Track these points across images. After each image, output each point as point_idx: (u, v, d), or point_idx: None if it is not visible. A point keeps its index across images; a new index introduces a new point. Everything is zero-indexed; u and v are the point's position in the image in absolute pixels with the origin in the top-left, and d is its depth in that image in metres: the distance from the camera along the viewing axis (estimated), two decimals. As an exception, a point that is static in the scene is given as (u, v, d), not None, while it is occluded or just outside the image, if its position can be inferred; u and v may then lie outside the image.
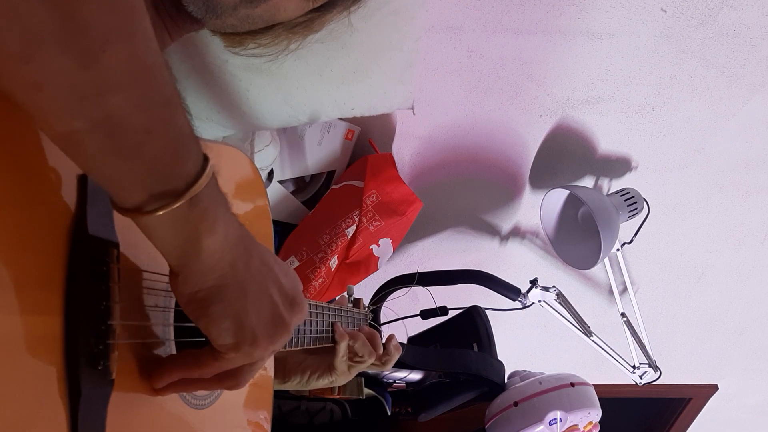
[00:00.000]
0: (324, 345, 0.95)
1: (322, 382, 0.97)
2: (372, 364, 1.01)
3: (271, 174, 1.49)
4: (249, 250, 0.53)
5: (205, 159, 0.46)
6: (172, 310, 0.61)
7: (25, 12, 0.34)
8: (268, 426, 0.81)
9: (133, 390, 0.54)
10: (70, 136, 0.39)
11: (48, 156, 0.45)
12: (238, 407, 0.75)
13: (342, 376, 0.97)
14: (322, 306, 0.95)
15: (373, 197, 1.50)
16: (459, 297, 1.51)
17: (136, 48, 0.38)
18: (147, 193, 0.43)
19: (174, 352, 0.61)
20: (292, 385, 0.97)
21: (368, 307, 1.16)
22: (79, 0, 0.35)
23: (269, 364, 0.86)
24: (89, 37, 0.36)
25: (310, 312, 0.90)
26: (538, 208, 1.76)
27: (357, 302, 1.14)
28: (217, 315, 0.51)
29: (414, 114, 1.36)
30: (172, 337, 0.61)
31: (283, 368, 0.96)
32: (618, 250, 1.79)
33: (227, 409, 0.70)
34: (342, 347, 0.95)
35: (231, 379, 0.57)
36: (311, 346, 0.90)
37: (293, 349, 0.85)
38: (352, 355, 0.98)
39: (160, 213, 0.43)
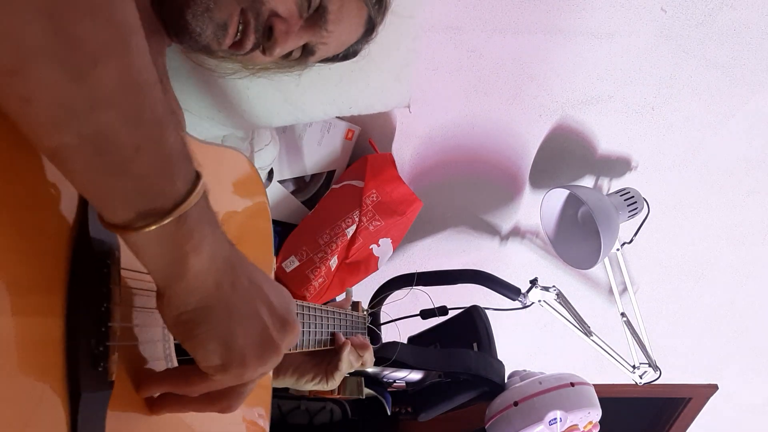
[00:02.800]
0: (323, 348, 0.95)
1: (318, 387, 0.97)
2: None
3: (270, 174, 1.49)
4: (236, 270, 0.51)
5: (197, 177, 0.45)
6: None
7: (16, 24, 0.33)
8: (266, 424, 0.81)
9: (133, 392, 0.53)
10: (57, 151, 0.38)
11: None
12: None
13: (338, 378, 0.98)
14: (322, 309, 0.94)
15: (373, 197, 1.50)
16: (459, 297, 1.51)
17: (129, 65, 0.38)
18: (133, 211, 0.42)
19: (173, 353, 0.60)
20: (282, 383, 0.96)
21: (366, 311, 1.16)
22: (72, 14, 0.35)
23: None
24: (81, 52, 0.35)
25: (314, 315, 0.90)
26: (538, 208, 1.76)
27: (355, 305, 1.13)
28: (203, 337, 0.49)
29: (410, 112, 1.37)
30: (172, 339, 0.60)
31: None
32: (618, 250, 1.79)
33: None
34: (345, 361, 0.96)
35: (223, 401, 0.56)
36: (313, 349, 0.90)
37: (293, 351, 0.85)
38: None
39: (146, 231, 0.43)
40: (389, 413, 1.44)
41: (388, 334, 1.39)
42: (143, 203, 0.42)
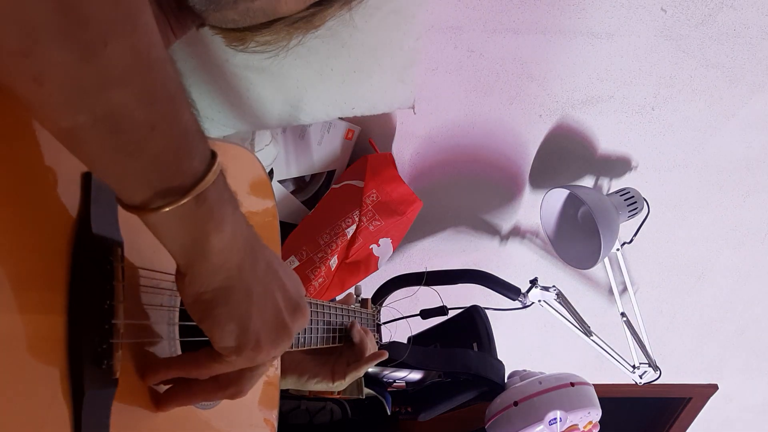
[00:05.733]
0: (329, 345, 0.94)
1: (319, 387, 0.96)
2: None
3: (271, 174, 1.49)
4: (255, 252, 0.52)
5: (213, 156, 0.45)
6: (177, 309, 0.60)
7: (24, 5, 0.33)
8: (275, 424, 0.81)
9: (138, 390, 0.53)
10: (71, 132, 0.38)
11: (51, 154, 0.44)
12: (244, 406, 0.75)
13: (348, 381, 0.96)
14: (328, 305, 0.94)
15: (373, 197, 1.50)
16: (459, 297, 1.51)
17: (138, 42, 0.38)
18: (152, 190, 0.42)
19: (179, 350, 0.60)
20: (286, 384, 0.96)
21: (376, 307, 1.15)
22: None
23: (276, 361, 0.85)
24: (90, 30, 0.35)
25: (317, 311, 0.90)
26: (538, 208, 1.76)
27: (364, 302, 1.13)
28: (222, 317, 0.50)
29: (415, 113, 1.36)
30: (177, 336, 0.60)
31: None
32: (618, 249, 1.79)
33: (234, 408, 0.70)
34: (364, 367, 0.96)
35: (234, 386, 0.56)
36: (316, 347, 0.90)
37: (295, 349, 0.84)
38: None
39: (166, 210, 0.43)
40: (389, 413, 1.44)
41: (387, 334, 1.39)
42: (161, 182, 0.42)
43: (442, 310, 1.44)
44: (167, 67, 0.40)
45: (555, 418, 1.37)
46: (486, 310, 1.50)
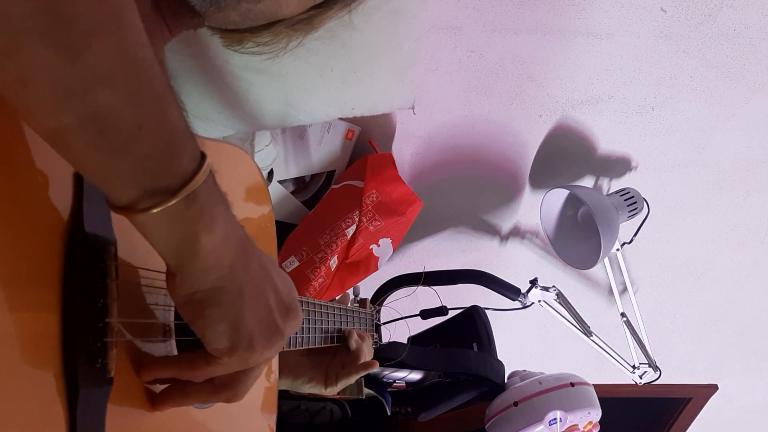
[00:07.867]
0: (327, 345, 0.94)
1: (313, 391, 0.95)
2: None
3: (271, 174, 1.49)
4: (248, 252, 0.52)
5: (202, 156, 0.45)
6: (173, 308, 0.60)
7: (6, 5, 0.33)
8: (273, 425, 0.81)
9: (134, 389, 0.53)
10: (58, 133, 0.38)
11: (43, 153, 0.44)
12: (242, 407, 0.75)
13: (340, 387, 0.96)
14: (327, 305, 0.93)
15: (372, 197, 1.50)
16: (459, 297, 1.51)
17: (124, 42, 0.38)
18: (140, 190, 0.42)
19: (174, 350, 0.60)
20: (280, 386, 0.95)
21: (375, 307, 1.15)
22: None
23: (273, 362, 0.85)
24: (73, 31, 0.35)
25: (315, 311, 0.89)
26: (538, 208, 1.76)
27: (363, 302, 1.13)
28: (214, 318, 0.50)
29: (414, 114, 1.36)
30: (173, 335, 0.60)
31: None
32: (618, 250, 1.79)
33: (231, 409, 0.69)
34: (356, 375, 0.95)
35: (229, 389, 0.56)
36: (313, 347, 0.89)
37: (290, 349, 0.84)
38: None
39: (155, 211, 0.42)
40: (389, 413, 1.44)
41: (387, 334, 1.39)
42: (150, 182, 0.42)
43: (441, 311, 1.44)
44: (154, 67, 0.40)
45: (555, 419, 1.37)
46: (486, 310, 1.50)
